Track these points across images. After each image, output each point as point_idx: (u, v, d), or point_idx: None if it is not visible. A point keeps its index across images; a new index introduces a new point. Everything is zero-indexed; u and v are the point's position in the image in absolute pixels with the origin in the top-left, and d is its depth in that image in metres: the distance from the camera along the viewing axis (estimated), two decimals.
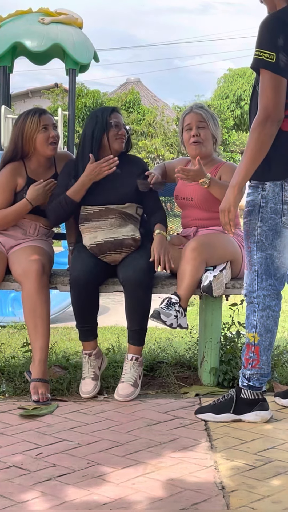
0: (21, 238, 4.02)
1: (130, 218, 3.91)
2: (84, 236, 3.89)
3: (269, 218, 3.20)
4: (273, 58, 3.01)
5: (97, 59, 10.24)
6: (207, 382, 3.96)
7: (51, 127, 3.97)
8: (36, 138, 3.93)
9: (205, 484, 2.65)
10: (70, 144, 10.45)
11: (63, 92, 24.08)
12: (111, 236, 3.82)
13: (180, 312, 3.68)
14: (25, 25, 9.61)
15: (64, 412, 3.52)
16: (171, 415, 3.47)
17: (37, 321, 3.74)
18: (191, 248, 3.74)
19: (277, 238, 3.22)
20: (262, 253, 3.25)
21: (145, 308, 3.76)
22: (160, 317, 3.62)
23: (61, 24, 9.81)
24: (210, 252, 3.77)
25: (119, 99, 25.14)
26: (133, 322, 3.78)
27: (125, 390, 3.71)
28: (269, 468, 2.80)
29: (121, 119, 4.00)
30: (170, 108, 29.12)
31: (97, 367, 3.87)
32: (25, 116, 3.99)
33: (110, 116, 3.92)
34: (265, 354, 3.32)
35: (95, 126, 3.91)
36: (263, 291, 3.28)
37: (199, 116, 4.02)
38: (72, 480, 2.68)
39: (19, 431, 3.24)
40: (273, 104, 3.03)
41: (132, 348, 3.82)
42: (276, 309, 3.31)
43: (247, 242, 3.29)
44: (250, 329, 3.32)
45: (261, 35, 3.07)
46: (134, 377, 3.76)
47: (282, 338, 5.86)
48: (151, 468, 2.80)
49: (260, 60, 3.04)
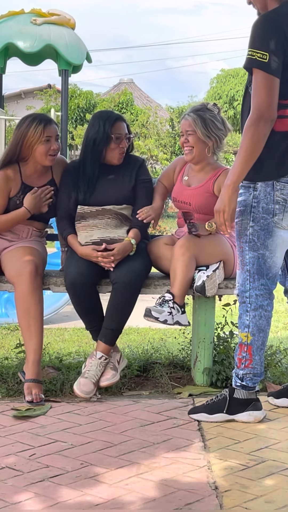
0: (13, 241, 4.00)
1: (127, 220, 3.91)
2: (79, 234, 3.88)
3: (261, 218, 3.21)
4: (266, 58, 3.02)
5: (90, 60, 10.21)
6: (200, 382, 3.96)
7: (53, 139, 3.91)
8: (36, 148, 3.88)
9: (198, 484, 2.65)
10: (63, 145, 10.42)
11: (56, 93, 24.02)
12: (107, 235, 3.82)
13: (176, 309, 3.68)
14: (17, 26, 9.57)
15: (57, 413, 3.52)
16: (165, 415, 3.47)
17: (31, 322, 3.73)
18: (179, 245, 3.76)
19: (269, 237, 3.23)
20: (254, 253, 3.25)
21: (128, 310, 3.74)
22: (152, 314, 3.62)
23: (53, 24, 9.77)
24: (198, 248, 3.76)
25: (112, 100, 25.09)
26: (112, 321, 3.73)
27: (88, 387, 3.65)
28: (263, 468, 2.81)
29: (124, 128, 3.98)
30: (163, 108, 29.08)
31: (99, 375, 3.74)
32: (30, 122, 3.90)
33: (112, 128, 3.90)
34: (258, 353, 3.32)
35: (97, 135, 3.91)
36: (255, 290, 3.28)
37: (187, 122, 3.98)
38: (66, 481, 2.68)
39: (12, 432, 3.24)
40: (266, 104, 3.04)
41: (102, 346, 3.75)
42: (269, 309, 3.32)
43: (239, 242, 3.29)
44: (243, 328, 3.32)
45: (253, 35, 3.08)
46: (97, 376, 3.70)
47: (275, 338, 5.87)
48: (144, 468, 2.80)
49: (253, 60, 3.05)
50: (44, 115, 4.06)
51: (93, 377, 3.67)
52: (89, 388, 3.64)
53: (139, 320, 3.83)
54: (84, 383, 3.65)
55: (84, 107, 24.62)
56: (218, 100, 30.04)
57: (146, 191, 4.02)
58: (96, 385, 3.69)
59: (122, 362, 3.84)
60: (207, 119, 3.96)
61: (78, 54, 9.84)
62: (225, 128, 4.01)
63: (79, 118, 24.41)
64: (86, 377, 3.66)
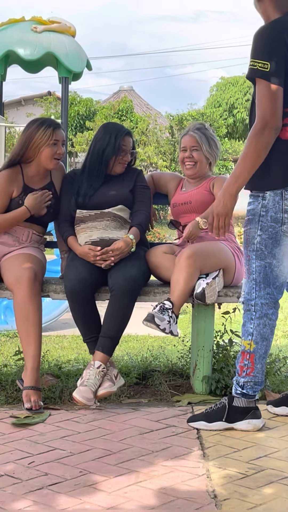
0: (13, 245, 4.01)
1: (126, 223, 3.95)
2: (79, 236, 3.92)
3: (269, 226, 3.21)
4: (268, 68, 3.03)
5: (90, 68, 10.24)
6: (199, 390, 3.96)
7: (60, 143, 3.99)
8: (43, 150, 3.94)
9: (197, 493, 2.65)
10: None
11: (56, 100, 24.08)
12: (107, 235, 3.86)
13: (173, 318, 3.68)
14: (18, 33, 9.60)
15: (56, 420, 3.51)
16: (164, 423, 3.46)
17: (30, 329, 3.73)
18: (186, 256, 3.75)
19: (277, 246, 3.23)
20: (261, 262, 3.25)
21: (126, 317, 3.73)
22: (154, 320, 3.62)
23: (54, 32, 9.80)
24: (204, 260, 3.79)
25: (111, 107, 25.14)
26: (110, 328, 3.70)
27: (88, 394, 3.59)
28: (262, 476, 2.80)
29: (131, 143, 4.12)
30: (163, 116, 29.14)
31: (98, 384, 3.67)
32: (39, 125, 3.97)
33: (121, 141, 4.03)
34: (260, 362, 3.32)
35: (107, 146, 4.01)
36: (261, 299, 3.28)
37: (193, 139, 4.18)
38: (64, 489, 2.68)
39: (11, 440, 3.24)
40: (270, 113, 3.05)
41: (100, 355, 3.69)
42: (273, 318, 3.32)
43: (246, 250, 3.29)
44: (246, 336, 3.32)
45: (255, 45, 3.10)
46: (96, 385, 3.64)
47: (274, 346, 5.86)
48: (143, 476, 2.80)
49: (255, 70, 3.07)
50: (53, 120, 4.13)
51: (93, 385, 3.62)
52: (89, 395, 3.60)
53: (138, 328, 3.83)
54: (85, 390, 3.60)
55: (84, 115, 24.67)
56: (217, 107, 30.13)
57: (143, 195, 4.09)
58: (95, 394, 3.65)
59: (119, 379, 3.75)
60: (209, 138, 4.21)
61: (78, 61, 9.86)
62: (219, 148, 4.29)
63: (79, 125, 24.46)
64: (85, 385, 3.62)
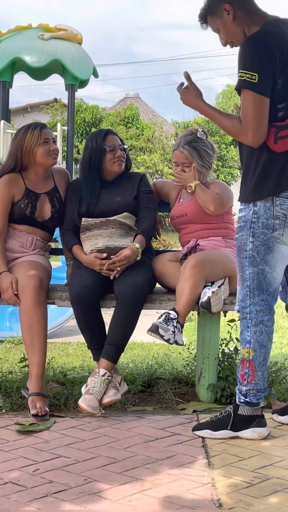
0: (18, 252, 4.01)
1: (131, 230, 3.95)
2: (84, 244, 3.92)
3: (260, 233, 3.22)
4: (255, 79, 3.05)
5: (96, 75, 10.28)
6: (204, 399, 3.95)
7: (51, 141, 4.02)
8: (36, 151, 3.96)
9: (202, 501, 2.64)
10: (69, 160, 10.47)
11: (62, 107, 24.15)
12: (112, 243, 3.85)
13: (178, 328, 3.67)
14: (25, 40, 9.65)
15: (61, 428, 3.51)
16: (169, 431, 3.46)
17: (34, 337, 3.73)
18: (191, 265, 3.75)
19: (269, 253, 3.23)
20: (254, 268, 3.25)
21: (131, 325, 3.72)
22: (159, 331, 3.61)
23: (60, 39, 9.85)
24: (210, 269, 3.78)
25: (117, 115, 25.20)
26: (115, 337, 3.69)
27: (94, 402, 3.59)
28: (267, 485, 2.79)
29: (117, 140, 4.07)
30: (169, 123, 29.18)
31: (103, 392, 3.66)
32: (25, 130, 4.01)
33: (104, 141, 4.01)
34: (260, 369, 3.32)
35: (91, 152, 4.02)
36: (255, 306, 3.28)
37: (183, 155, 4.13)
38: (69, 497, 2.67)
39: (16, 447, 3.23)
40: (254, 124, 3.11)
41: (105, 363, 3.68)
42: (269, 324, 3.31)
43: (239, 257, 3.31)
44: (244, 344, 3.32)
45: (242, 57, 3.12)
46: (101, 393, 3.63)
47: (280, 354, 5.86)
48: (148, 485, 2.79)
49: (242, 81, 3.10)
50: (37, 122, 4.19)
51: (98, 393, 3.61)
52: (95, 403, 3.59)
53: (144, 335, 3.82)
54: (90, 398, 3.59)
55: (90, 122, 24.70)
56: None
57: (148, 201, 4.07)
58: (100, 402, 3.63)
59: (122, 386, 3.75)
60: (201, 150, 4.15)
61: (85, 68, 9.90)
62: (214, 152, 4.23)
63: (85, 133, 24.50)
64: (91, 393, 3.61)
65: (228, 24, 3.27)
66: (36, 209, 4.03)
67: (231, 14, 3.24)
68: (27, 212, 4.00)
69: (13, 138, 4.08)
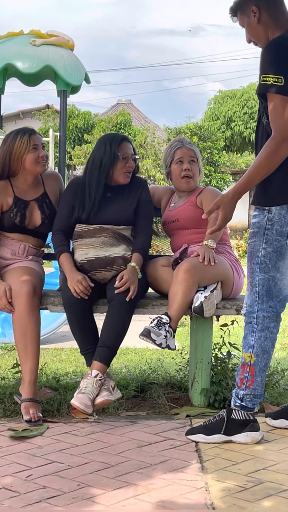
0: (11, 259, 4.01)
1: (124, 239, 3.91)
2: (75, 253, 3.90)
3: (274, 240, 3.21)
4: (282, 81, 3.03)
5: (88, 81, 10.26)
6: (197, 403, 3.95)
7: (40, 147, 3.97)
8: (25, 158, 3.92)
9: (196, 506, 2.64)
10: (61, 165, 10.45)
11: (54, 113, 24.16)
12: (103, 253, 3.83)
13: (170, 332, 3.67)
14: (16, 46, 9.63)
15: (54, 433, 3.51)
16: (162, 436, 3.45)
17: (27, 343, 3.73)
18: (183, 269, 3.75)
19: (281, 260, 3.23)
20: (264, 275, 3.25)
21: (123, 327, 3.71)
22: (150, 335, 3.61)
23: (52, 46, 9.83)
24: (202, 273, 3.77)
25: (110, 120, 25.20)
26: (108, 339, 3.68)
27: (87, 401, 3.56)
28: (260, 489, 2.79)
29: (130, 149, 4.02)
30: (161, 129, 29.22)
31: (96, 393, 3.63)
32: (14, 136, 3.96)
33: (118, 147, 3.95)
34: (260, 375, 3.32)
35: (103, 155, 3.95)
36: (263, 312, 3.28)
37: (191, 151, 4.21)
38: (62, 502, 2.67)
39: (9, 453, 3.23)
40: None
41: (97, 365, 3.66)
42: (275, 331, 3.32)
43: (250, 263, 3.30)
44: (247, 349, 3.31)
45: (264, 61, 3.09)
46: (94, 393, 3.61)
47: (273, 358, 5.85)
48: (141, 489, 2.79)
49: (269, 85, 3.05)
50: (26, 128, 4.13)
51: (90, 393, 3.58)
52: (88, 402, 3.57)
53: (136, 340, 3.82)
54: (83, 397, 3.57)
55: (82, 128, 24.73)
56: (215, 121, 30.21)
57: (145, 212, 4.04)
58: (93, 403, 3.62)
59: (116, 392, 3.72)
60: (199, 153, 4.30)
61: (77, 74, 9.89)
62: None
63: (77, 139, 24.52)
64: (83, 392, 3.59)
65: (253, 25, 3.30)
66: (26, 217, 4.00)
67: (256, 17, 3.27)
68: (17, 221, 3.98)
69: (2, 144, 4.02)
